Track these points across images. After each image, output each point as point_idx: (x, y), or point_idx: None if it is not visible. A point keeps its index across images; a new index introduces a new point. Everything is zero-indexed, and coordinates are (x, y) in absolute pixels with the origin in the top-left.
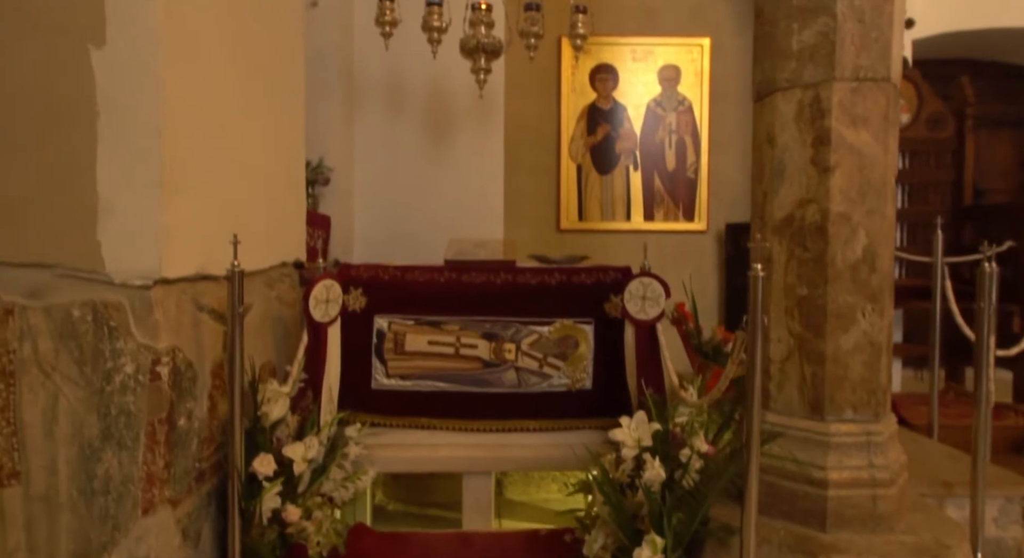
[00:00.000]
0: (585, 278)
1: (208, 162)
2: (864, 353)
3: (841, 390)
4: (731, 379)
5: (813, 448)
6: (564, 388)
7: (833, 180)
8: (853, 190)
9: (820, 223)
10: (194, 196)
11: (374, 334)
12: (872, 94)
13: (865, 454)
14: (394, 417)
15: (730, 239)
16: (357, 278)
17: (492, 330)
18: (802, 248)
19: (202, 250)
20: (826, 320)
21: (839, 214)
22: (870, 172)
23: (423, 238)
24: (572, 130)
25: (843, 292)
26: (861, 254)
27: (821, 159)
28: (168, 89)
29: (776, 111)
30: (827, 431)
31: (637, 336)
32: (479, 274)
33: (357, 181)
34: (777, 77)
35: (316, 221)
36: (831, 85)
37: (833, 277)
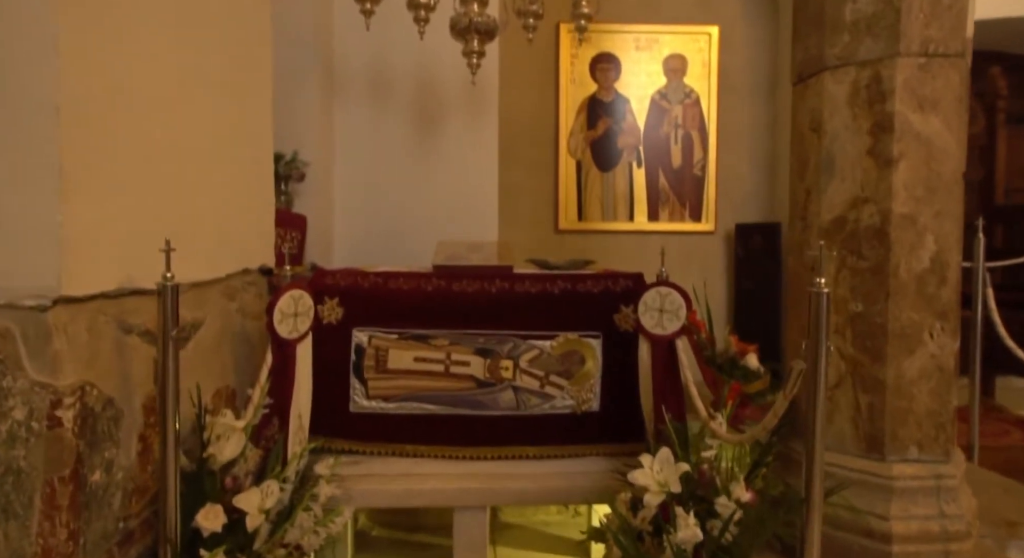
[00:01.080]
0: (592, 286)
1: (133, 150)
2: (931, 380)
3: (904, 424)
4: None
5: (872, 493)
6: (568, 410)
7: (896, 175)
8: (920, 187)
9: (879, 226)
10: (111, 192)
11: (352, 350)
12: (944, 72)
13: (935, 501)
14: (375, 444)
15: (740, 241)
16: (333, 286)
17: (487, 345)
18: (856, 256)
19: (127, 258)
20: (886, 341)
21: (903, 216)
22: (940, 165)
23: (410, 240)
24: (571, 124)
25: (907, 308)
26: (929, 263)
27: (881, 150)
28: (70, 54)
29: (824, 94)
30: (889, 474)
31: (653, 353)
32: (472, 282)
33: (337, 177)
34: (825, 54)
35: (290, 221)
36: (894, 61)
37: (895, 290)
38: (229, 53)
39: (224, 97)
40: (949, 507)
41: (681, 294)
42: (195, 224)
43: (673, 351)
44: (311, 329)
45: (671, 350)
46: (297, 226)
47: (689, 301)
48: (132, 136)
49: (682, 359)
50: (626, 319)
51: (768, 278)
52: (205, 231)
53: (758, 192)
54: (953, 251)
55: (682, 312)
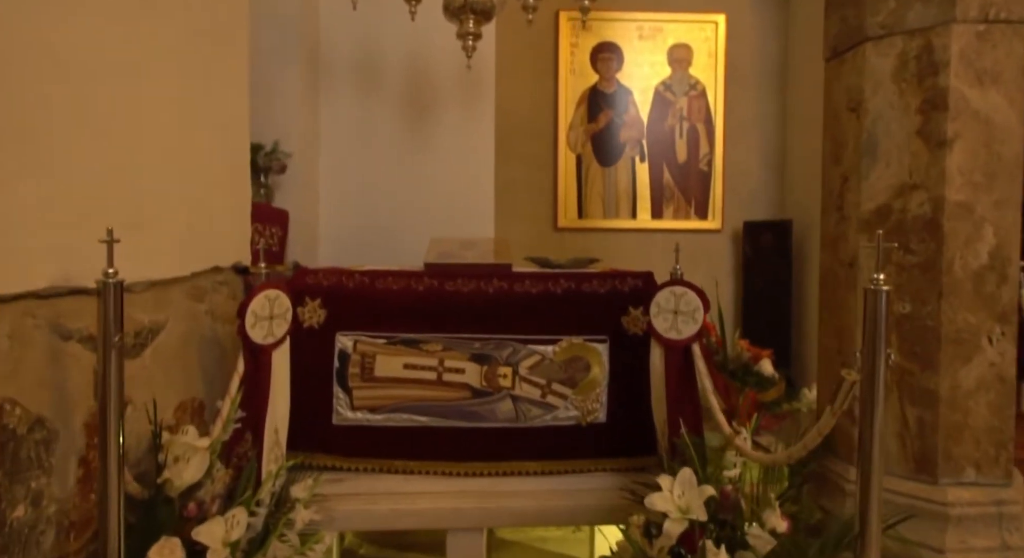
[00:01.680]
0: (598, 286)
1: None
2: (990, 392)
3: (960, 442)
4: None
5: (923, 521)
6: (572, 422)
7: (950, 158)
8: (978, 172)
9: (930, 216)
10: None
11: (336, 356)
12: (1006, 41)
13: (996, 531)
14: (361, 459)
15: (748, 239)
16: (315, 286)
17: (483, 351)
18: (903, 250)
19: (64, 252)
20: (939, 347)
21: (958, 204)
22: (1000, 147)
23: (401, 238)
24: (571, 116)
25: (962, 309)
26: (987, 259)
27: (933, 130)
28: None
29: (865, 68)
30: (943, 499)
31: (667, 360)
32: (467, 281)
33: (323, 170)
34: (867, 23)
35: (270, 216)
36: (949, 29)
37: (949, 289)
38: (198, 26)
39: (192, 75)
40: (1012, 537)
41: (698, 294)
42: (155, 215)
43: (689, 357)
44: (289, 333)
45: (687, 356)
46: (278, 221)
47: (707, 302)
48: (70, 110)
49: (699, 366)
50: (635, 322)
51: (779, 278)
52: (168, 224)
53: (767, 188)
54: (1013, 245)
55: (699, 314)
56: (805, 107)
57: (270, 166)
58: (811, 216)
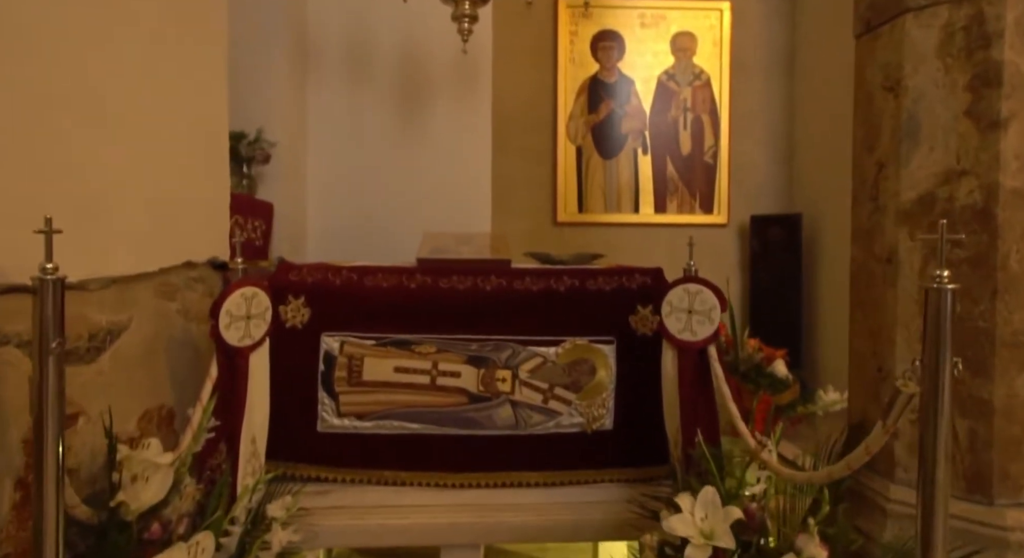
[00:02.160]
0: (603, 283)
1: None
2: None
3: (1018, 458)
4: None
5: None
6: (577, 429)
7: (1005, 140)
8: None
9: (982, 205)
10: None
11: (321, 359)
12: None
13: None
14: (348, 470)
15: (755, 234)
16: (298, 283)
17: (480, 353)
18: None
19: None
20: (993, 351)
21: (1014, 192)
22: None
23: (393, 233)
24: (570, 107)
25: (1020, 309)
26: None
27: (985, 109)
28: None
29: (904, 42)
30: (1001, 522)
31: (680, 363)
32: (463, 278)
33: (310, 161)
34: None
35: (252, 208)
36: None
37: (1005, 286)
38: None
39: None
40: None
41: (714, 292)
42: (116, 205)
43: (705, 360)
44: (269, 334)
45: (702, 359)
46: (261, 214)
47: (723, 301)
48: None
49: (716, 370)
50: (644, 321)
51: (788, 274)
52: (132, 215)
53: (775, 181)
54: None
55: (715, 314)
56: (814, 96)
57: (253, 156)
58: (821, 209)
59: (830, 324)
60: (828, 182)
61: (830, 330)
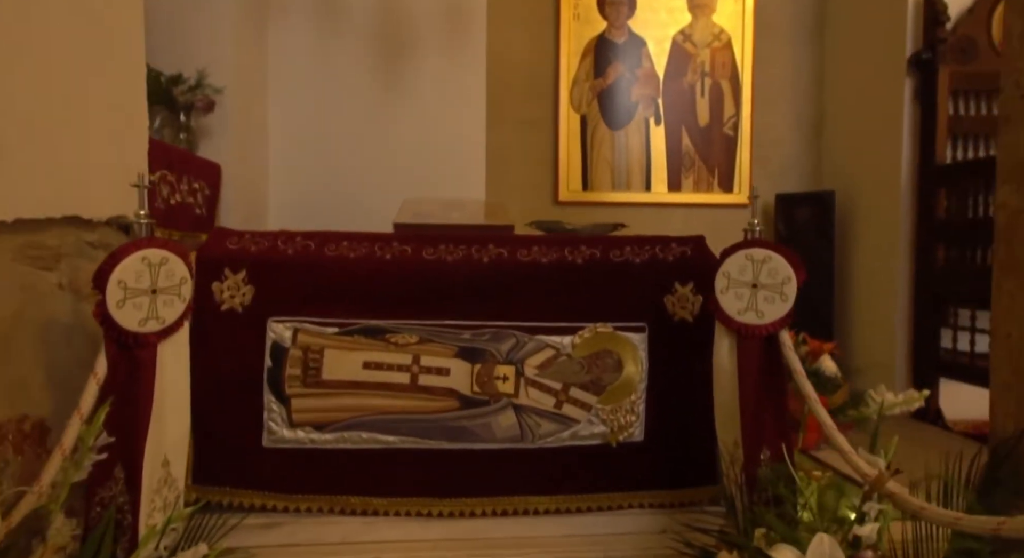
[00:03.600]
0: (632, 254)
1: None
2: None
3: None
4: None
5: None
6: (598, 441)
7: None
8: None
9: None
10: None
11: (268, 352)
12: None
13: None
14: (304, 496)
15: (782, 215)
16: (238, 254)
17: (475, 343)
18: None
19: None
20: None
21: None
22: None
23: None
24: (574, 70)
25: None
26: None
27: None
28: None
29: None
30: None
31: (740, 354)
32: (453, 247)
33: (273, 118)
34: None
35: (191, 167)
36: None
37: None
38: None
39: None
40: None
41: (788, 259)
42: None
43: (775, 351)
44: (190, 317)
45: (770, 349)
46: (204, 176)
47: (801, 270)
48: None
49: (792, 363)
50: (684, 302)
51: (819, 259)
52: None
53: (801, 156)
54: None
55: (790, 288)
56: (846, 61)
57: (192, 103)
58: (857, 187)
59: (866, 314)
60: (863, 156)
61: (866, 320)
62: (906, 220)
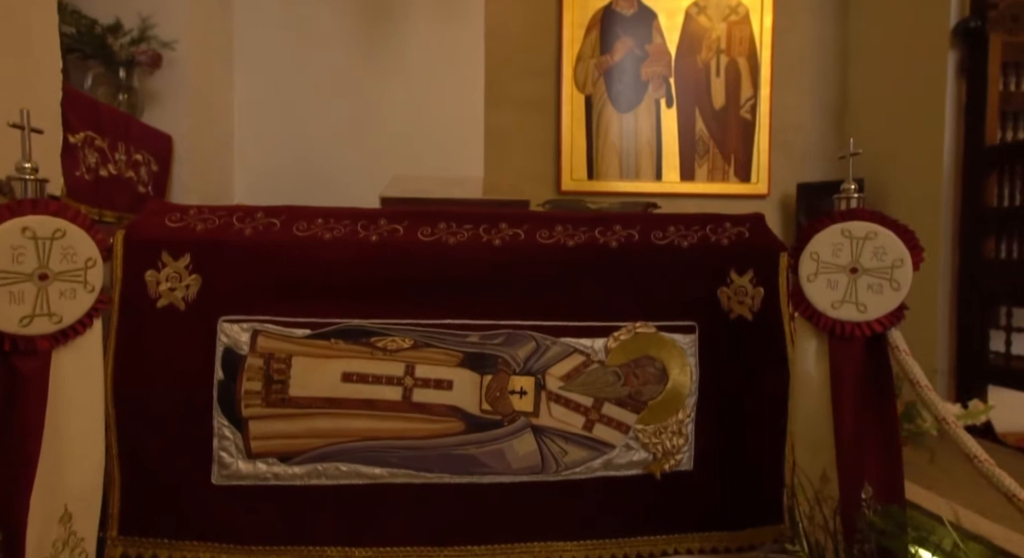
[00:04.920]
0: (677, 236)
1: None
2: None
3: None
4: None
5: None
6: (638, 470)
7: None
8: None
9: None
10: None
11: (218, 361)
12: None
13: None
14: (265, 548)
15: (804, 206)
16: (180, 234)
17: (484, 348)
18: None
19: None
20: None
21: None
22: None
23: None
24: (578, 46)
25: None
26: None
27: None
28: None
29: None
30: None
31: (835, 361)
32: (455, 228)
33: (239, 80)
34: None
35: (132, 134)
36: None
37: None
38: None
39: None
40: None
41: (900, 235)
42: None
43: (882, 356)
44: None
45: (875, 354)
46: (150, 147)
47: (918, 248)
48: None
49: (912, 371)
50: (742, 296)
51: None
52: None
53: (825, 142)
54: None
55: (903, 274)
56: (876, 33)
57: (133, 58)
58: (889, 173)
59: None
60: (897, 139)
61: None
62: (949, 209)
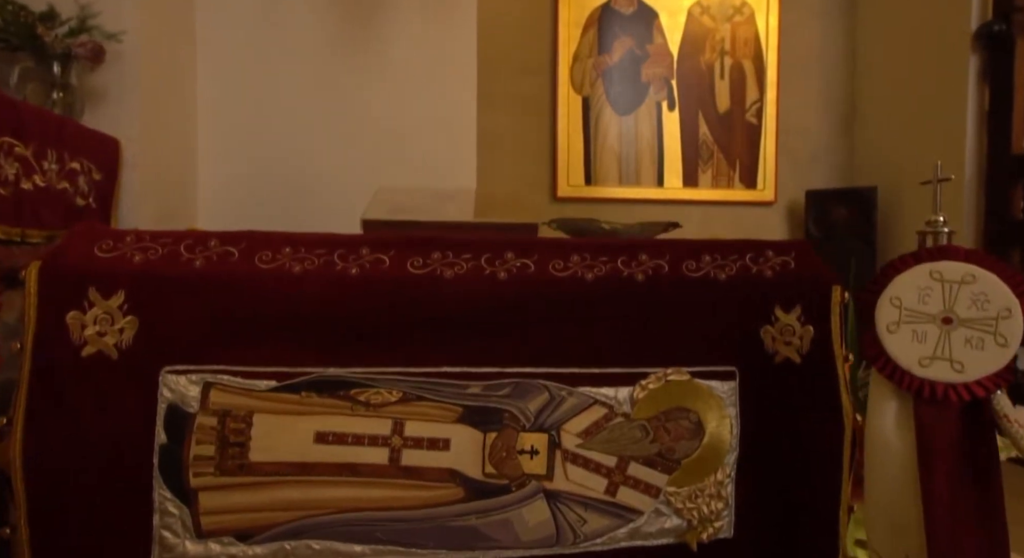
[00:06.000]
0: (713, 266)
1: None
2: None
3: None
4: None
5: None
6: (670, 539)
7: None
8: None
9: None
10: None
11: (161, 420)
12: None
13: None
14: None
15: (813, 214)
16: (112, 266)
17: (488, 401)
18: None
19: None
20: None
21: None
22: None
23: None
24: (575, 44)
25: None
26: None
27: None
28: None
29: None
30: None
31: (927, 432)
32: (453, 256)
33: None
34: None
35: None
36: None
37: None
38: None
39: None
40: None
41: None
42: None
43: (984, 426)
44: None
45: (978, 423)
46: (91, 153)
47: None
48: None
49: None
50: (788, 336)
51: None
52: None
53: (834, 146)
54: None
55: (1011, 327)
56: (888, 35)
57: (69, 52)
58: (904, 182)
59: None
60: (911, 146)
61: None
62: (971, 220)
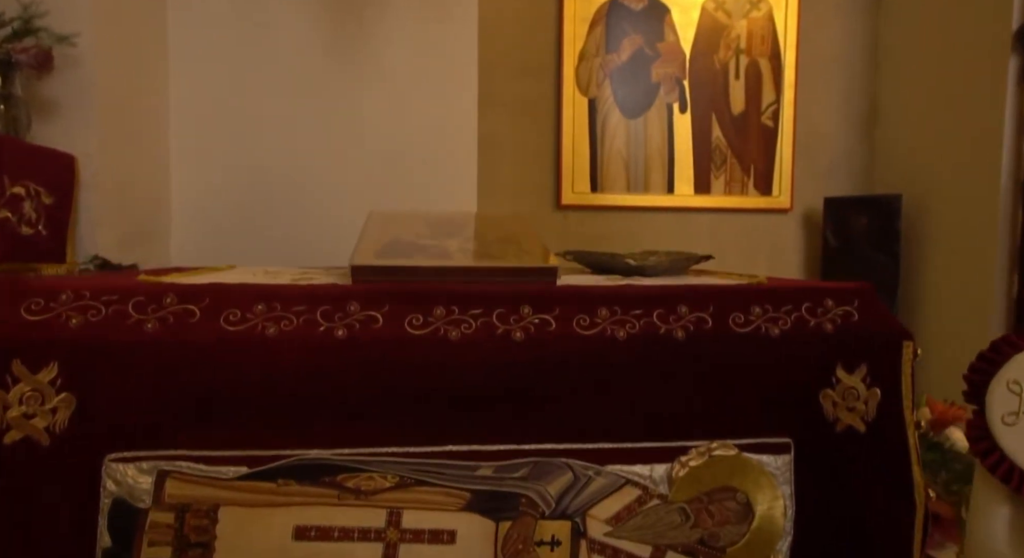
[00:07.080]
0: (763, 321)
1: None
2: None
3: None
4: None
5: None
6: None
7: None
8: None
9: None
10: None
11: (104, 518)
12: None
13: None
14: None
15: (832, 223)
16: (44, 331)
17: (501, 484)
18: None
19: None
20: None
21: None
22: None
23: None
24: (581, 42)
25: None
26: None
27: None
28: None
29: None
30: None
31: None
32: (459, 312)
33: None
34: None
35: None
36: None
37: None
38: None
39: None
40: None
41: None
42: None
43: None
44: None
45: None
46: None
47: None
48: None
49: None
50: (851, 400)
51: (880, 277)
52: None
53: (855, 152)
54: None
55: None
56: (916, 35)
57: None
58: (931, 189)
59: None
60: (940, 153)
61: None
62: (1006, 232)
